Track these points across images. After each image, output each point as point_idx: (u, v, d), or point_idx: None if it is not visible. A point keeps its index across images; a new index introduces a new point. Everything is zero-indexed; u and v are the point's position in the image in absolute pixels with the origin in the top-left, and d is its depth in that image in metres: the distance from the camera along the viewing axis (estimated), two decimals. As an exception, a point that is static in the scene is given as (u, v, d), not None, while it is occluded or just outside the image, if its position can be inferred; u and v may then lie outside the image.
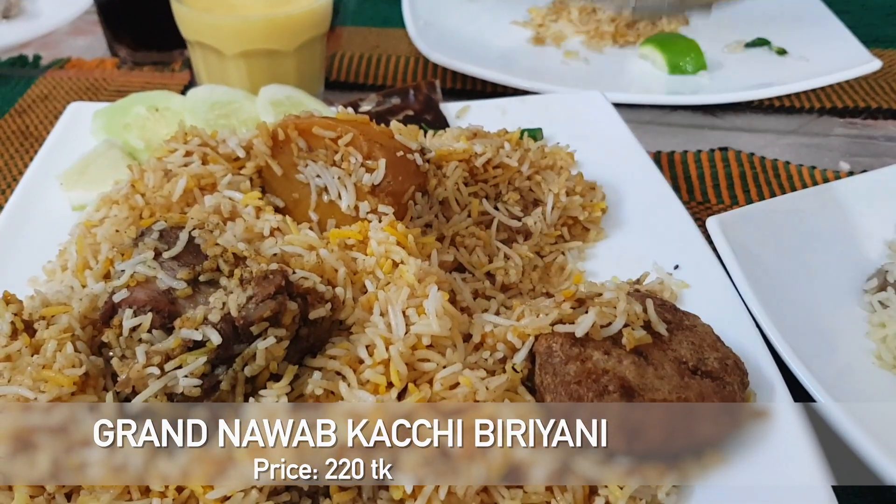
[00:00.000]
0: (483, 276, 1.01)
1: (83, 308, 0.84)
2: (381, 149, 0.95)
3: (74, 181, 1.11)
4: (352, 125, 0.97)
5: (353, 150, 0.96)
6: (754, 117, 1.59)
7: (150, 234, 0.84)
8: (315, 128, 0.97)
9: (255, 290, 0.75)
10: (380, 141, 0.96)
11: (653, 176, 1.20)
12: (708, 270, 1.05)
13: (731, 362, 0.86)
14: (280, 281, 0.76)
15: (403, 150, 0.97)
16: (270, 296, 0.75)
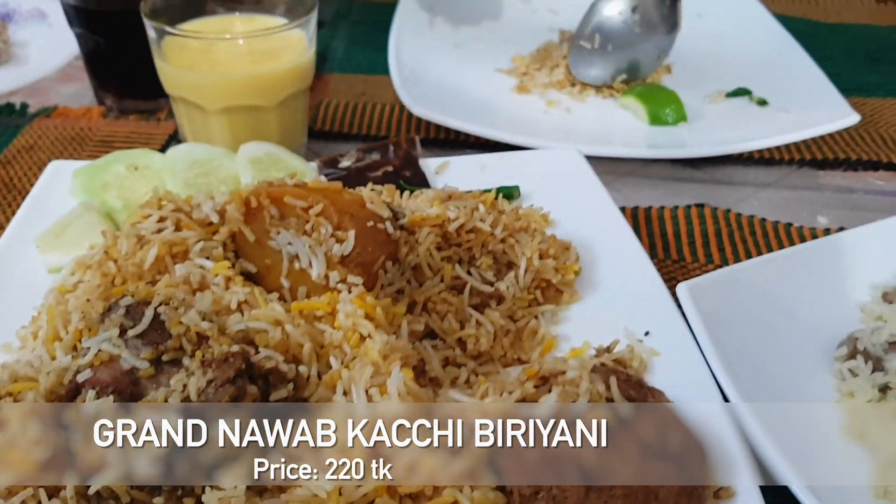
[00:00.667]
0: (455, 343, 1.02)
1: (49, 384, 0.85)
2: (352, 219, 0.97)
3: (51, 244, 1.12)
4: (323, 195, 0.98)
5: (323, 220, 0.97)
6: (734, 169, 1.60)
7: (116, 310, 0.85)
8: (287, 197, 0.98)
9: (216, 373, 0.76)
10: (350, 211, 0.98)
11: (627, 236, 1.21)
12: (678, 338, 1.05)
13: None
14: (240, 364, 0.77)
15: (374, 220, 0.98)
16: (230, 380, 0.76)
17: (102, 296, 0.99)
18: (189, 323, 0.82)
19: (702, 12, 2.14)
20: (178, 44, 1.37)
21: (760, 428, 0.91)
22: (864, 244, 1.24)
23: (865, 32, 2.22)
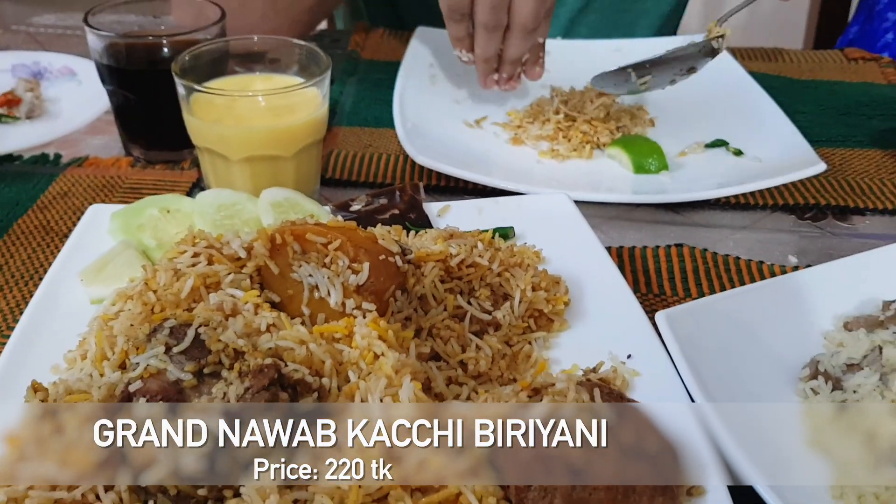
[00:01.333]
0: (457, 365, 1.14)
1: (101, 395, 0.97)
2: (366, 253, 1.10)
3: (93, 277, 1.25)
4: (340, 232, 1.11)
5: (340, 254, 1.10)
6: (711, 213, 1.74)
7: (161, 331, 0.97)
8: (308, 234, 1.11)
9: (252, 381, 0.88)
10: (364, 246, 1.11)
11: (611, 272, 1.34)
12: (657, 360, 1.18)
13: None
14: (273, 374, 0.89)
15: (385, 254, 1.11)
16: (264, 387, 0.88)
17: (143, 321, 1.11)
18: (227, 341, 0.94)
19: (683, 70, 2.31)
20: (205, 100, 1.52)
21: (727, 430, 1.02)
22: (829, 279, 1.37)
23: (836, 88, 2.38)
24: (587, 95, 1.99)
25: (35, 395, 0.98)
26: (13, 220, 1.59)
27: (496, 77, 1.89)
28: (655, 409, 1.05)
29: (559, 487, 0.90)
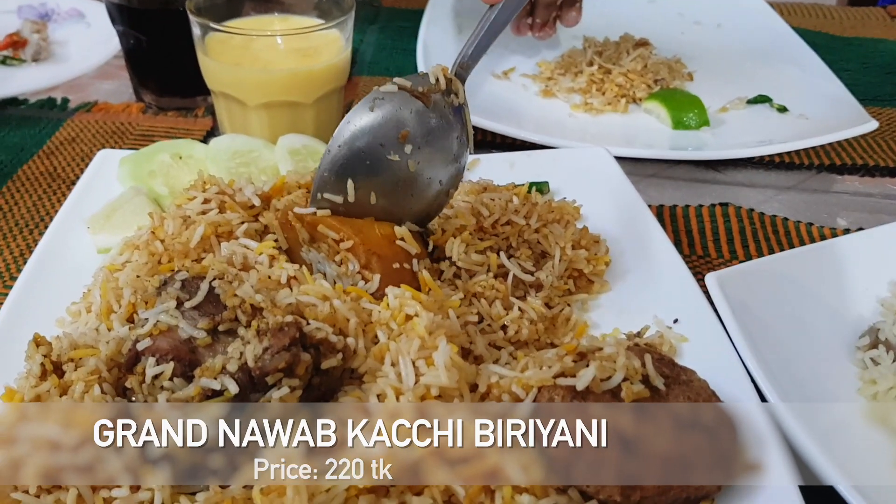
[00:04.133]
0: (499, 328, 1.05)
1: (109, 351, 0.89)
2: (378, 261, 0.99)
3: (101, 225, 1.17)
4: (354, 230, 1.00)
5: (351, 256, 1.00)
6: (755, 172, 1.64)
7: (172, 284, 0.89)
8: (320, 226, 1.02)
9: (271, 341, 0.80)
10: (378, 251, 0.99)
11: (654, 230, 1.25)
12: (706, 325, 1.09)
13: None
14: (294, 333, 0.80)
15: (401, 260, 1.00)
16: (285, 347, 0.80)
17: (150, 273, 1.03)
18: (243, 295, 0.86)
19: (721, 23, 2.19)
20: (222, 40, 1.42)
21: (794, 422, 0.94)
22: (883, 243, 1.28)
23: (881, 47, 2.26)
24: (623, 46, 1.88)
25: (38, 349, 0.90)
26: (18, 165, 1.51)
27: (529, 22, 1.78)
28: (709, 376, 0.97)
29: (608, 457, 0.82)
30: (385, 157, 1.00)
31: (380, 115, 1.00)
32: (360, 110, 1.00)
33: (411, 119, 1.00)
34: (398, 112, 1.00)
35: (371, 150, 1.00)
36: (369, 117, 1.00)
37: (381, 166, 1.00)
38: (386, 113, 1.00)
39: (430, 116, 1.01)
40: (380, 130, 0.99)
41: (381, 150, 1.00)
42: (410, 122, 1.00)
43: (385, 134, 1.00)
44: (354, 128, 1.00)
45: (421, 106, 1.01)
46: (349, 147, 1.00)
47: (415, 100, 1.01)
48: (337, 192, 1.01)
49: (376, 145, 1.00)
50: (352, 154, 1.00)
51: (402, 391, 0.83)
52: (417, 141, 1.01)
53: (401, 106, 1.00)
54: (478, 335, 0.99)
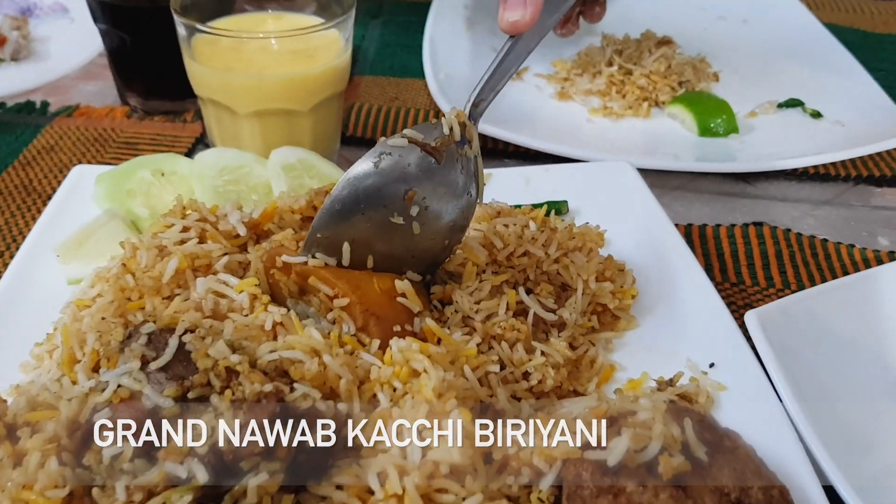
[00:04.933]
0: (520, 376, 0.93)
1: (70, 412, 0.77)
2: (377, 323, 0.87)
3: (72, 254, 1.05)
4: (351, 287, 0.88)
5: (346, 316, 0.88)
6: (788, 185, 1.52)
7: (137, 339, 0.77)
8: (312, 279, 0.90)
9: (247, 416, 0.68)
10: (377, 311, 0.87)
11: (685, 257, 1.13)
12: (745, 370, 0.97)
13: (777, 492, 0.78)
14: (274, 408, 0.69)
15: (401, 322, 0.88)
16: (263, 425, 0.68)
17: (117, 312, 0.91)
18: (217, 356, 0.74)
19: (747, 18, 2.06)
20: (209, 42, 1.30)
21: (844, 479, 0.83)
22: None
23: (918, 43, 2.13)
24: (644, 45, 1.75)
25: (-8, 409, 0.79)
26: (-9, 177, 1.40)
27: None
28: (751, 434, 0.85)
29: (645, 550, 0.71)
30: (387, 219, 0.89)
31: (385, 173, 0.88)
32: (363, 165, 0.88)
33: (420, 178, 0.88)
34: (406, 170, 0.88)
35: (372, 212, 0.88)
36: (373, 175, 0.88)
37: (382, 229, 0.89)
38: (392, 171, 0.88)
39: (441, 175, 0.90)
40: (384, 191, 0.88)
41: (384, 211, 0.88)
42: (418, 181, 0.88)
43: (389, 194, 0.88)
44: (356, 185, 0.88)
45: (432, 163, 0.89)
46: (348, 207, 0.88)
47: (426, 155, 0.89)
48: (331, 254, 0.90)
49: (379, 206, 0.88)
50: (349, 214, 0.89)
51: (406, 470, 0.71)
52: (424, 202, 0.89)
53: (409, 163, 0.88)
54: (500, 387, 0.87)
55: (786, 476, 0.82)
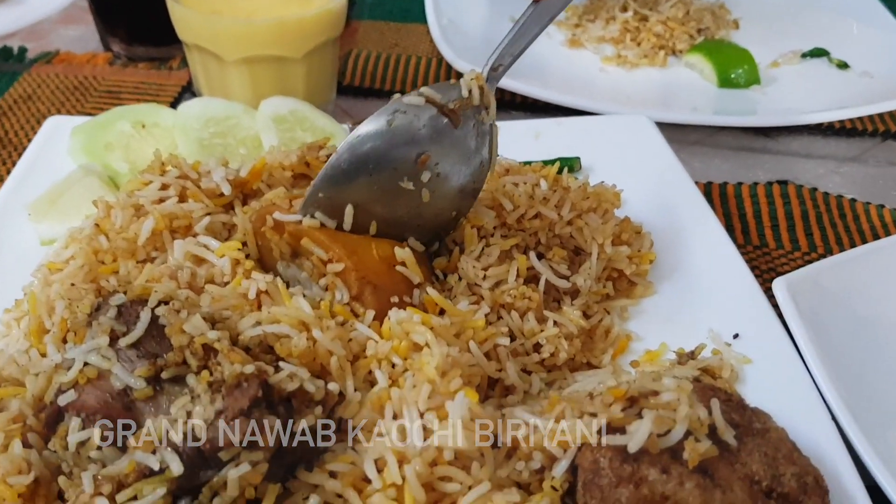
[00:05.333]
0: (531, 348, 0.86)
1: (37, 390, 0.70)
2: (373, 293, 0.79)
3: (44, 212, 0.97)
4: (347, 253, 0.80)
5: (341, 283, 0.80)
6: (812, 140, 1.43)
7: (105, 311, 0.69)
8: (305, 240, 0.82)
9: (227, 402, 0.61)
10: (374, 280, 0.80)
11: (707, 220, 1.05)
12: (772, 342, 0.90)
13: (811, 479, 0.72)
14: (256, 391, 0.61)
15: (400, 294, 0.81)
16: (244, 411, 0.60)
17: (88, 278, 0.84)
18: (193, 332, 0.66)
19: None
20: (194, -17, 1.20)
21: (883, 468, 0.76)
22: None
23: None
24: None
25: (-46, 385, 0.71)
26: (-36, 129, 1.31)
27: None
28: (779, 411, 0.78)
29: (669, 547, 0.64)
30: (397, 183, 0.82)
31: (398, 133, 0.81)
32: (375, 122, 0.81)
33: (433, 141, 0.82)
34: (421, 131, 0.81)
35: (381, 174, 0.81)
36: (385, 134, 0.80)
37: (388, 193, 0.82)
38: (406, 131, 0.81)
39: (456, 139, 0.83)
40: (396, 152, 0.81)
41: (394, 174, 0.82)
42: (432, 144, 0.82)
43: (401, 156, 0.81)
44: (365, 144, 0.81)
45: (447, 125, 0.82)
46: (355, 166, 0.81)
47: (442, 117, 0.82)
48: (331, 216, 0.83)
49: (388, 168, 0.81)
50: (356, 175, 0.81)
51: (407, 457, 0.64)
52: (437, 168, 0.83)
53: (425, 124, 0.81)
54: (509, 360, 0.79)
55: (816, 458, 0.75)
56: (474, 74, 0.85)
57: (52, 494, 0.66)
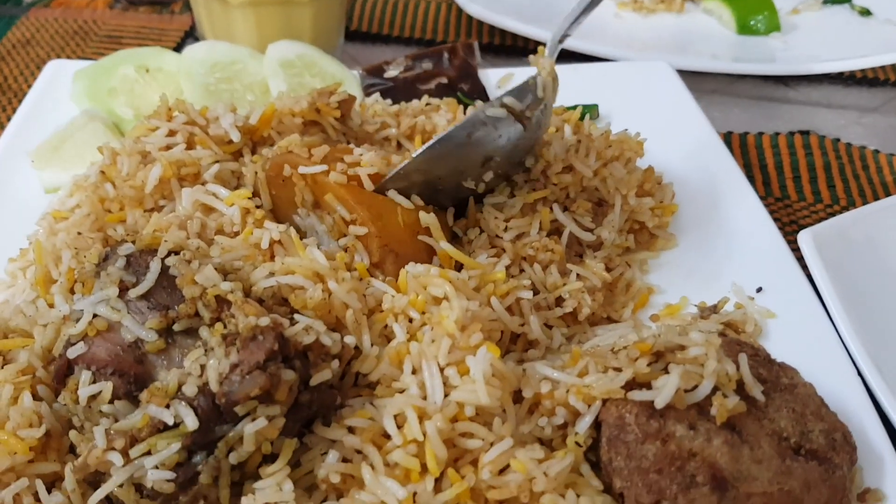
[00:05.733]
0: (553, 302, 0.84)
1: (46, 341, 0.68)
2: (395, 261, 0.77)
3: (47, 159, 0.95)
4: (372, 217, 0.78)
5: (361, 247, 0.78)
6: (833, 89, 1.39)
7: (114, 261, 0.67)
8: (328, 195, 0.79)
9: (242, 355, 0.58)
10: (397, 248, 0.78)
11: (730, 170, 1.02)
12: (797, 295, 0.88)
13: (840, 436, 0.70)
14: (272, 344, 0.59)
15: (423, 258, 0.79)
16: (260, 364, 0.58)
17: (95, 227, 0.82)
18: (205, 283, 0.64)
19: None
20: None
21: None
22: None
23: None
24: (679, -70, 1.59)
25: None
26: (-39, 74, 1.27)
27: None
28: (803, 365, 0.76)
29: (699, 500, 0.62)
30: (460, 183, 0.86)
31: (476, 144, 0.84)
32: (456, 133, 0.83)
33: (504, 148, 0.85)
34: (494, 143, 0.85)
35: (449, 180, 0.85)
36: (464, 146, 0.84)
37: (449, 189, 0.86)
38: (482, 142, 0.84)
39: (522, 141, 0.86)
40: (467, 160, 0.85)
41: (459, 175, 0.85)
42: (501, 151, 0.85)
43: (470, 163, 0.85)
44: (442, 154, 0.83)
45: (519, 130, 0.85)
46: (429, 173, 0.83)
47: (516, 123, 0.85)
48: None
49: (456, 172, 0.85)
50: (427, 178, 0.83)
51: (427, 413, 0.62)
52: (499, 169, 0.87)
53: (500, 135, 0.85)
54: (532, 314, 0.77)
55: (842, 414, 0.74)
56: (549, 64, 0.89)
57: (64, 448, 0.65)
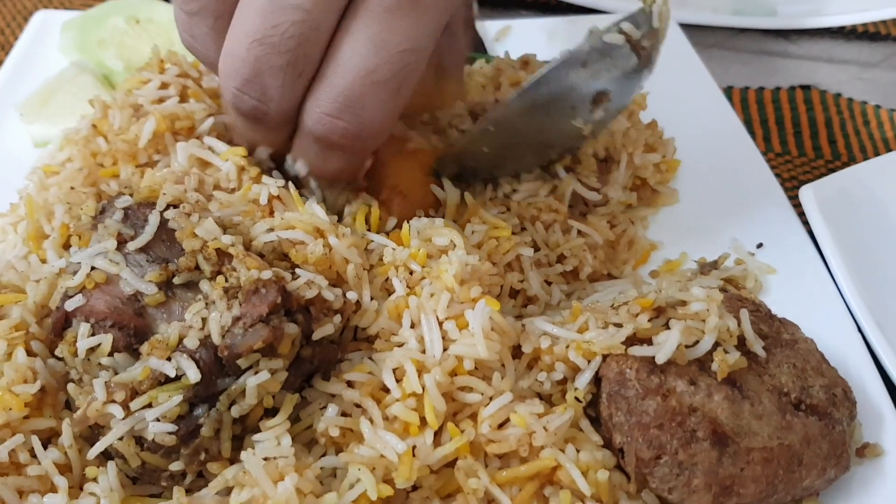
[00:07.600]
0: (554, 259, 0.83)
1: (39, 296, 0.67)
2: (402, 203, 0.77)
3: (36, 112, 0.93)
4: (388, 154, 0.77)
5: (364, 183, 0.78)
6: (834, 44, 1.37)
7: (111, 213, 0.65)
8: None
9: (244, 308, 0.58)
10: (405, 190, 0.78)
11: (731, 125, 1.01)
12: (797, 251, 0.88)
13: (840, 391, 0.70)
14: (275, 298, 0.58)
15: (425, 209, 0.79)
16: (262, 318, 0.57)
17: (88, 181, 0.80)
18: (206, 236, 0.63)
19: None
20: None
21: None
22: None
23: None
24: None
25: (-50, 295, 0.68)
26: (-55, 25, 1.24)
27: None
28: (804, 322, 0.76)
29: (700, 455, 0.62)
30: (568, 121, 0.79)
31: (592, 75, 0.76)
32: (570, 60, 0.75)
33: (620, 81, 0.78)
34: (612, 73, 0.77)
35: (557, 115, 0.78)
36: (578, 73, 0.76)
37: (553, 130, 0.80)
38: (597, 73, 0.76)
39: (635, 77, 0.79)
40: (579, 92, 0.77)
41: (570, 113, 0.78)
42: (617, 84, 0.78)
43: (582, 96, 0.78)
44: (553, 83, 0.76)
45: (635, 64, 0.77)
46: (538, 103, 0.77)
47: (633, 55, 0.77)
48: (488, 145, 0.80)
49: (567, 108, 0.78)
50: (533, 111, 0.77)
51: (426, 366, 0.62)
52: (612, 107, 0.80)
53: (616, 65, 0.76)
54: (532, 270, 0.77)
55: (842, 370, 0.74)
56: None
57: (59, 404, 0.64)
